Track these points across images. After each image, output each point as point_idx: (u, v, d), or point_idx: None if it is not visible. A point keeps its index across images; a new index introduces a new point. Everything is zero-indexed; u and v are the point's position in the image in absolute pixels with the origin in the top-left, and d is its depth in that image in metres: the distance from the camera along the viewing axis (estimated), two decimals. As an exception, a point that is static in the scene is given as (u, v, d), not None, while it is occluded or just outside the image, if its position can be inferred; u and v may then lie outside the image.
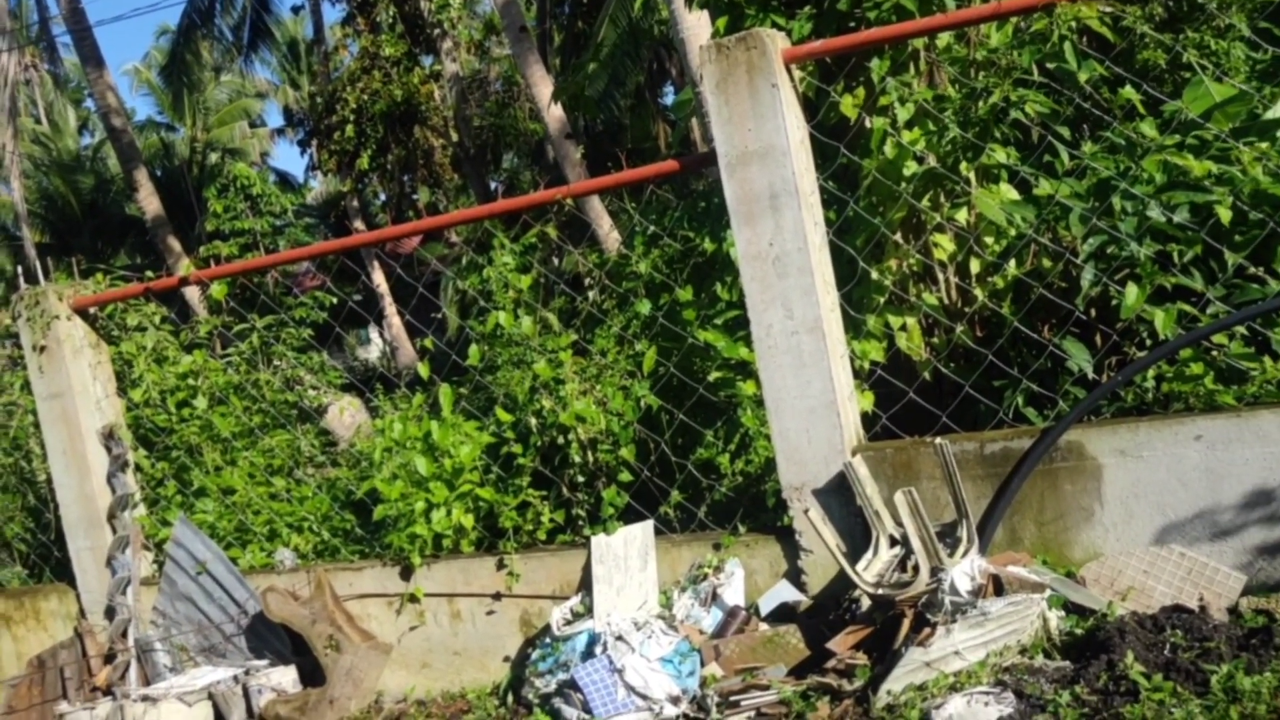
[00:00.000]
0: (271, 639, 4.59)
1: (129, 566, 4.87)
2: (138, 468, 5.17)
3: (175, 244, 17.22)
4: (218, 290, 4.89)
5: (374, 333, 26.26)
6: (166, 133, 33.85)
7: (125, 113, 18.60)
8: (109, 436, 4.99)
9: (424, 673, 4.40)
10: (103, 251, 29.92)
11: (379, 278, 22.16)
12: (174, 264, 16.14)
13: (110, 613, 4.90)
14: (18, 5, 28.27)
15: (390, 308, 22.43)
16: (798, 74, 3.81)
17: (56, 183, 31.50)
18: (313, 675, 4.40)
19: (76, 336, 4.93)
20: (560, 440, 4.32)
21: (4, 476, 5.74)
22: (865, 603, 3.52)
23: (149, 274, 5.24)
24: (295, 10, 30.47)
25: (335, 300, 7.38)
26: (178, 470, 5.40)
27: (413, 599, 4.38)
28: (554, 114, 12.86)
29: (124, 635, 4.78)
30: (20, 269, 6.40)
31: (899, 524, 3.45)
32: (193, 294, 14.35)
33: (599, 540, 4.04)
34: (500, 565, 4.26)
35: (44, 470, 5.38)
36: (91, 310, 5.03)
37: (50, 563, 5.46)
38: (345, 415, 10.38)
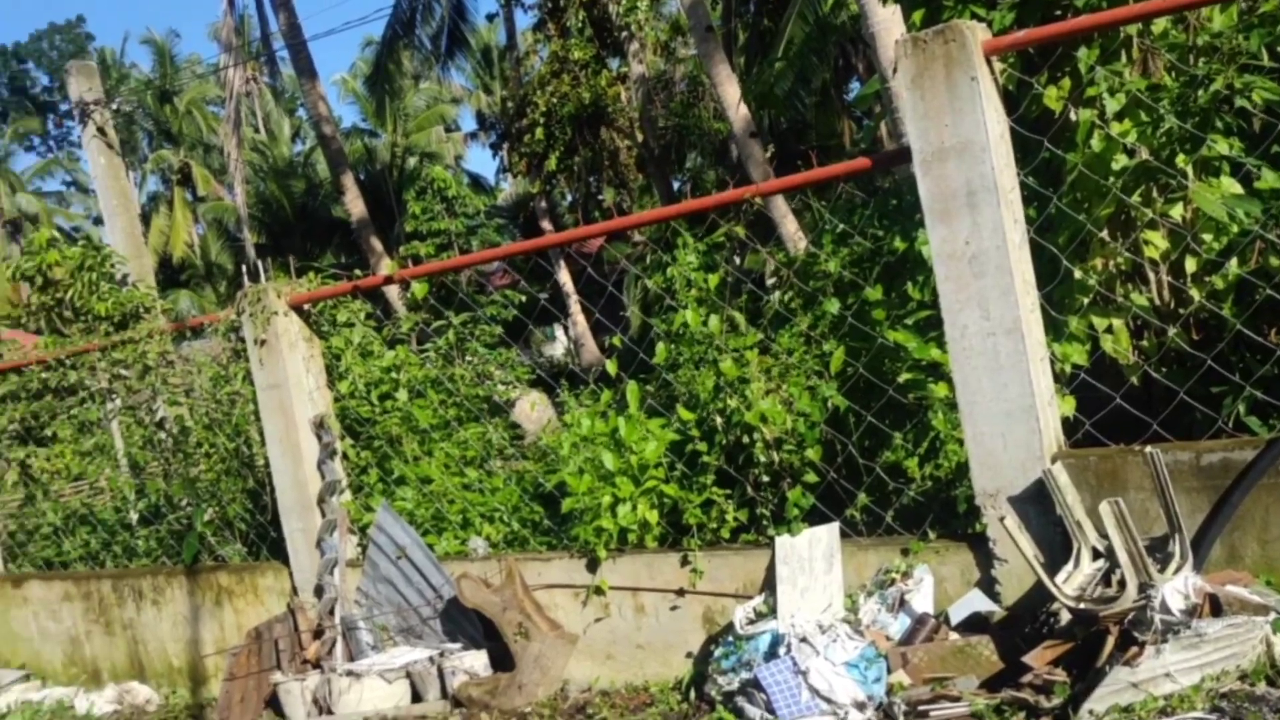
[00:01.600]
0: (465, 624, 4.79)
1: (336, 549, 5.17)
2: (344, 455, 5.49)
3: (377, 244, 18.18)
4: (419, 289, 5.13)
5: (559, 330, 26.94)
6: (369, 138, 35.77)
7: (334, 121, 19.76)
8: (319, 426, 5.31)
9: (608, 664, 4.48)
10: (311, 251, 31.90)
11: (565, 276, 22.71)
12: (376, 263, 17.04)
13: (319, 591, 5.22)
14: (241, 23, 30.46)
15: (575, 306, 22.95)
16: (998, 66, 3.67)
17: (272, 188, 33.81)
18: (502, 660, 4.56)
19: (292, 331, 5.28)
20: (745, 439, 4.31)
21: (227, 461, 6.20)
22: (1064, 617, 3.36)
23: (356, 273, 5.55)
24: (490, 18, 31.66)
25: (524, 298, 7.60)
26: (380, 459, 5.70)
27: (598, 591, 4.47)
28: (739, 113, 12.86)
29: (331, 613, 5.09)
30: (244, 268, 6.90)
31: (1103, 536, 3.27)
32: (392, 292, 15.12)
33: (783, 541, 4.02)
34: (684, 562, 4.29)
35: (262, 456, 5.77)
36: (306, 307, 5.37)
37: (267, 542, 5.86)
38: (534, 410, 10.69)
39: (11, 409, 9.10)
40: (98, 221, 40.52)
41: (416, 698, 4.69)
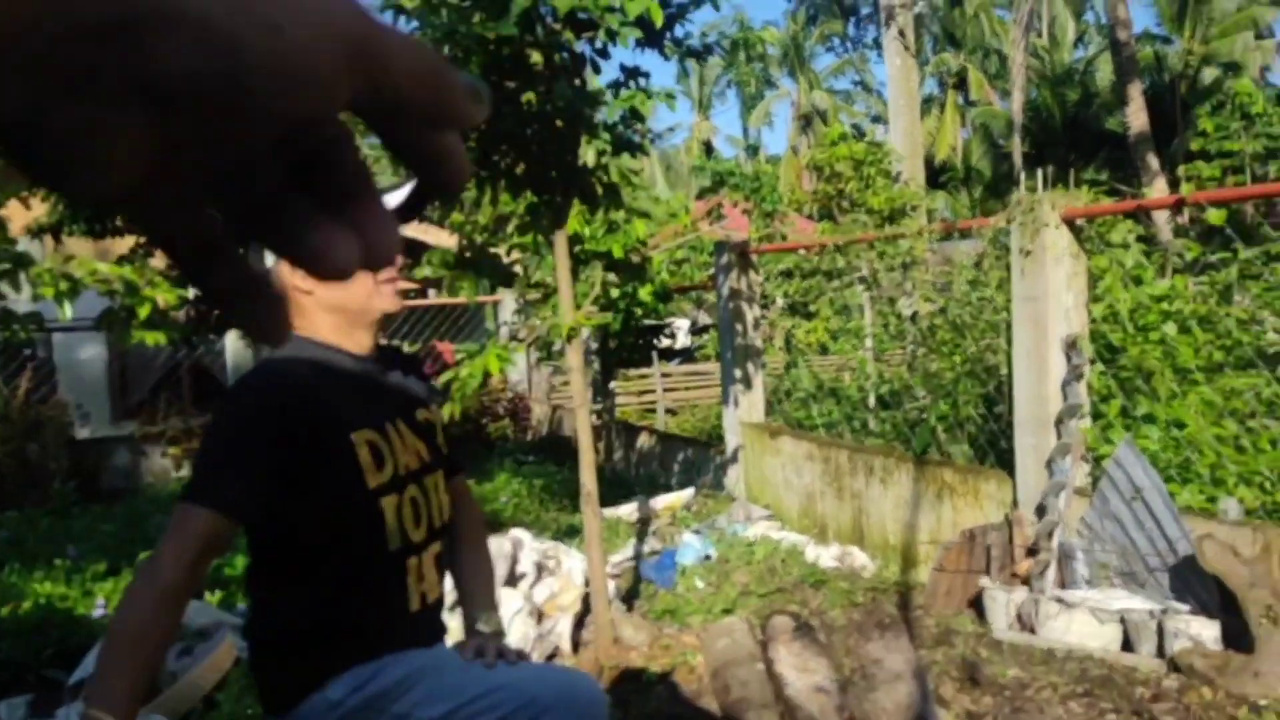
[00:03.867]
0: (1197, 587, 4.37)
1: (1067, 473, 5.03)
2: (1088, 381, 5.26)
3: (1153, 161, 16.77)
4: (1215, 216, 4.61)
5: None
6: (1161, 45, 32.85)
7: (1129, 24, 18.42)
8: (1071, 345, 5.14)
9: (1375, 685, 3.77)
10: (1074, 164, 30.60)
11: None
12: (1149, 182, 15.76)
13: (1040, 511, 5.15)
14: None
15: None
16: None
17: (1044, 95, 32.98)
18: (1236, 639, 4.09)
19: (1060, 245, 5.12)
20: None
21: (970, 364, 6.34)
22: None
23: (1137, 191, 5.18)
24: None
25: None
26: (1127, 391, 5.36)
27: (1380, 599, 3.74)
28: None
29: (1050, 536, 5.00)
30: (1013, 175, 6.84)
31: None
32: (1159, 216, 13.92)
33: None
34: None
35: (1005, 365, 5.80)
36: (1078, 221, 5.16)
37: (994, 449, 5.92)
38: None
39: (786, 284, 10.34)
40: (875, 120, 43.45)
41: (1126, 647, 4.43)
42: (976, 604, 5.20)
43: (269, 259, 1.97)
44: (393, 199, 2.00)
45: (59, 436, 10.18)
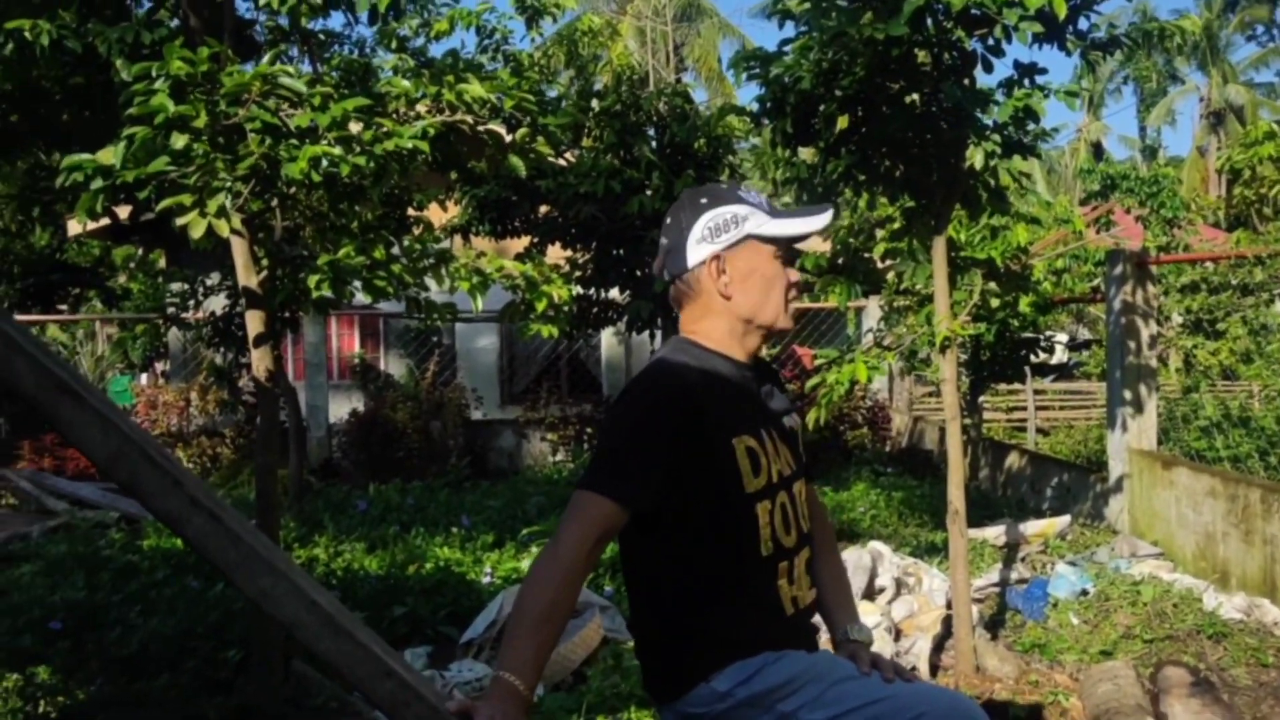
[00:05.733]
0: None
1: None
2: None
3: None
4: None
5: None
6: None
7: None
8: None
9: None
10: None
11: None
12: None
13: None
14: None
15: None
16: None
17: None
18: None
19: None
20: None
21: None
22: None
23: None
24: None
25: None
26: None
27: None
28: None
29: None
30: None
31: None
32: None
33: None
34: None
35: None
36: None
37: None
38: None
39: (1189, 299, 9.32)
40: (1306, 116, 38.15)
41: None
42: None
43: (694, 256, 2.01)
44: (808, 221, 1.98)
45: (457, 417, 11.29)
